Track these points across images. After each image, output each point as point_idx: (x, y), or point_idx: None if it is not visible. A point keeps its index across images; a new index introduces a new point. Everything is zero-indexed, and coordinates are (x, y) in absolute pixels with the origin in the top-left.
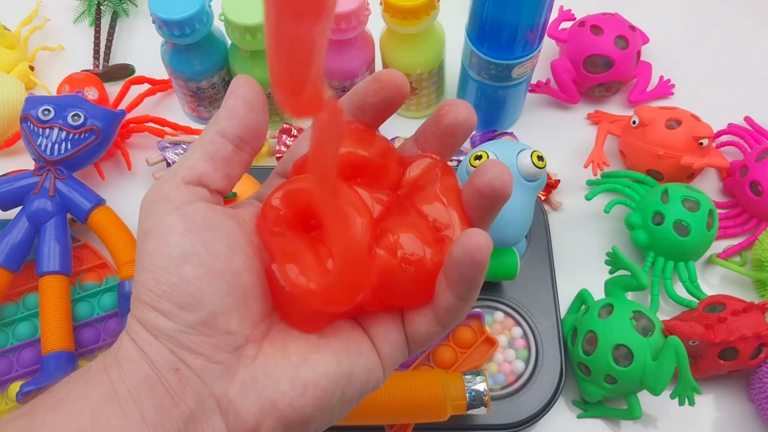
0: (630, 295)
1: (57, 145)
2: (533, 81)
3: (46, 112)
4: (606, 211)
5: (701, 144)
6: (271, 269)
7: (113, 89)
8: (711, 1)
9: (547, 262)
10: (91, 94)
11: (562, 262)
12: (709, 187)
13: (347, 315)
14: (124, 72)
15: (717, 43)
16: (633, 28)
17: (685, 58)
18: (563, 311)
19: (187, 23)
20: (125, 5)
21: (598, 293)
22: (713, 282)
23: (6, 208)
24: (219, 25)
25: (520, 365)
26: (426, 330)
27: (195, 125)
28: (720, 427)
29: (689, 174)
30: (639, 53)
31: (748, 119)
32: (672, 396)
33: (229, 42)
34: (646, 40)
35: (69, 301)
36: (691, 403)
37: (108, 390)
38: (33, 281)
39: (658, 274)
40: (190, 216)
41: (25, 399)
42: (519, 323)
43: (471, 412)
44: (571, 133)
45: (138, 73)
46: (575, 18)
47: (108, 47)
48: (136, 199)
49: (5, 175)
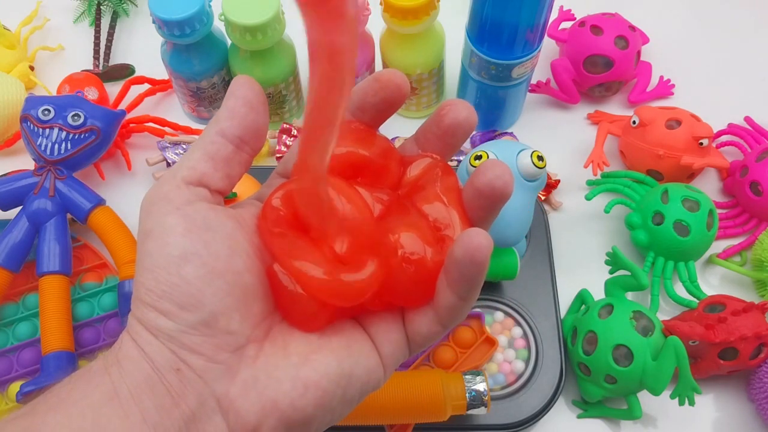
0: (630, 295)
1: (57, 145)
2: (533, 81)
3: (46, 112)
4: (606, 211)
5: (701, 144)
6: (273, 270)
7: (113, 89)
8: (711, 1)
9: (547, 262)
10: (91, 94)
11: (562, 262)
12: (709, 187)
13: (348, 315)
14: (124, 72)
15: (717, 43)
16: (633, 28)
17: (685, 58)
18: (563, 311)
19: (187, 23)
20: (125, 5)
21: (598, 293)
22: (713, 282)
23: (6, 208)
24: (219, 25)
25: (520, 365)
26: (427, 330)
27: (195, 125)
28: (720, 427)
29: (689, 174)
30: (639, 53)
31: (748, 119)
32: (672, 396)
33: (229, 42)
34: (646, 40)
35: (69, 301)
36: (691, 403)
37: (109, 390)
38: (33, 281)
39: (658, 274)
40: (190, 216)
41: (25, 399)
42: (519, 323)
43: (471, 412)
44: (571, 133)
45: (138, 73)
46: (575, 18)
47: (108, 47)
48: (136, 199)
49: (5, 175)
